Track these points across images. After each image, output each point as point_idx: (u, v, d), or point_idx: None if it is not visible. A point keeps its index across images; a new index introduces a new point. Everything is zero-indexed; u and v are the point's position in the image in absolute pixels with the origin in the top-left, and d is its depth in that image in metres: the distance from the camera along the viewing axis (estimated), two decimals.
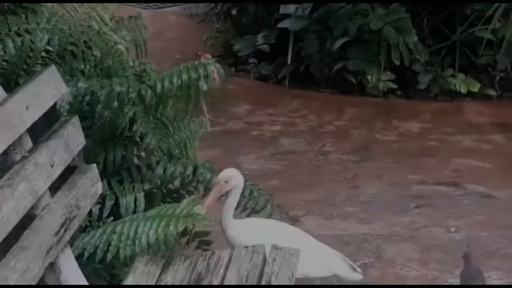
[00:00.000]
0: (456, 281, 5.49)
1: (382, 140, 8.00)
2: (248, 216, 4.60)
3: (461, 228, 6.29)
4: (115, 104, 3.98)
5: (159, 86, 3.98)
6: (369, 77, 9.02)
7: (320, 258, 4.55)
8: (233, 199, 4.30)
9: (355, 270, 4.60)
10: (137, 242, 3.34)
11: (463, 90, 8.87)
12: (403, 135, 8.10)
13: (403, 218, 6.46)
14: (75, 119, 3.44)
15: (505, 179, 7.06)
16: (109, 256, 3.39)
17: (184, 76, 3.97)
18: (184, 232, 4.25)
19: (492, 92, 9.01)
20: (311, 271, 4.49)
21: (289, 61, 9.48)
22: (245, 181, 4.56)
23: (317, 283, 4.69)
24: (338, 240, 6.15)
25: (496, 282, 5.57)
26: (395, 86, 9.05)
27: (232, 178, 4.27)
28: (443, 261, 5.85)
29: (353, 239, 6.13)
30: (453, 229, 6.28)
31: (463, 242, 6.10)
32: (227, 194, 4.32)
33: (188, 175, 4.42)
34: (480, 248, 6.00)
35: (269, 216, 4.65)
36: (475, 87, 8.90)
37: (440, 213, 6.54)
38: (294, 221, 5.32)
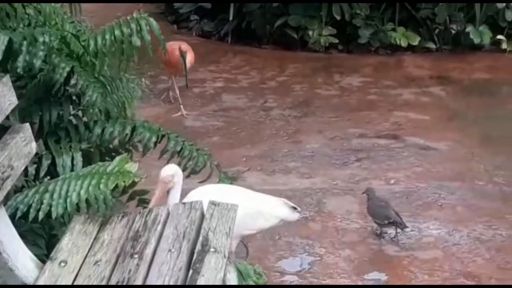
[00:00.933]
0: (394, 232, 5.61)
1: (323, 94, 8.05)
2: (188, 176, 4.60)
3: (400, 180, 6.40)
4: (41, 54, 3.90)
5: (92, 43, 3.96)
6: (310, 33, 9.04)
7: (268, 210, 4.59)
8: (177, 192, 4.22)
9: (295, 210, 4.66)
10: (68, 200, 3.34)
11: (403, 43, 8.95)
12: (344, 90, 8.16)
13: (343, 172, 6.55)
14: (6, 78, 3.41)
15: (443, 131, 7.18)
16: (41, 215, 3.40)
17: (117, 32, 3.95)
18: (124, 191, 4.29)
19: (431, 45, 9.10)
20: (263, 224, 4.57)
21: (231, 18, 9.46)
22: (184, 141, 4.58)
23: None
24: (279, 194, 6.14)
25: (434, 232, 5.70)
26: (336, 41, 9.10)
27: (175, 175, 4.15)
28: None
29: (294, 194, 6.19)
30: (392, 181, 6.38)
31: (402, 193, 6.21)
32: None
33: (127, 135, 4.41)
34: (418, 199, 6.12)
35: (209, 176, 4.68)
36: (415, 41, 8.99)
37: (379, 166, 6.64)
38: (236, 177, 5.37)
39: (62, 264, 3.34)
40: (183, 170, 4.54)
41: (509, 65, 8.35)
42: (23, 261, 3.33)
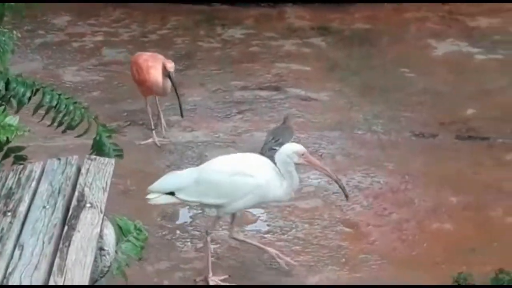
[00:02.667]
0: None
1: (205, 47, 8.00)
2: (64, 131, 4.50)
3: None
4: None
5: None
6: None
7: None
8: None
9: None
10: None
11: None
12: (227, 42, 8.14)
13: (225, 124, 6.56)
14: None
15: (324, 81, 7.25)
16: None
17: None
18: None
19: None
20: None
21: None
22: (60, 94, 4.48)
23: None
24: (161, 149, 6.20)
25: (314, 182, 5.79)
26: None
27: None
28: None
29: (176, 148, 6.19)
30: None
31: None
32: None
33: (0, 90, 4.30)
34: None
35: (87, 131, 4.57)
36: None
37: (261, 117, 6.67)
38: (116, 130, 5.28)
39: None
40: (59, 125, 4.46)
41: (388, 16, 8.46)
42: None
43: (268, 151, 5.61)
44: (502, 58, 7.52)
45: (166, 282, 4.87)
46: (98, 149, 4.43)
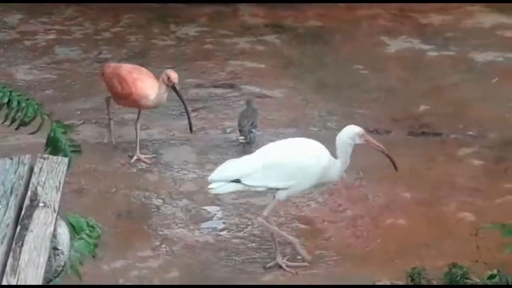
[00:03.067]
0: None
1: (159, 45, 7.97)
2: (17, 128, 4.46)
3: (236, 128, 6.44)
4: None
5: None
6: None
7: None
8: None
9: None
10: None
11: None
12: (181, 40, 8.11)
13: (180, 122, 6.53)
14: None
15: (278, 79, 7.27)
16: None
17: None
18: None
19: None
20: None
21: None
22: (11, 91, 4.42)
23: None
24: (114, 147, 6.16)
25: None
26: None
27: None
28: (220, 162, 5.98)
29: (131, 145, 6.15)
30: (228, 130, 6.43)
31: (238, 142, 6.27)
32: None
33: None
34: (255, 147, 6.16)
35: (40, 127, 4.52)
36: None
37: (216, 115, 6.67)
38: (69, 129, 5.24)
39: None
40: (12, 122, 4.41)
41: (341, 13, 8.50)
42: None
43: (248, 133, 5.97)
44: (454, 54, 7.60)
45: (121, 281, 4.85)
46: (52, 145, 4.37)
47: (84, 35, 8.08)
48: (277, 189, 4.87)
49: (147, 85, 5.87)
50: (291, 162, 4.87)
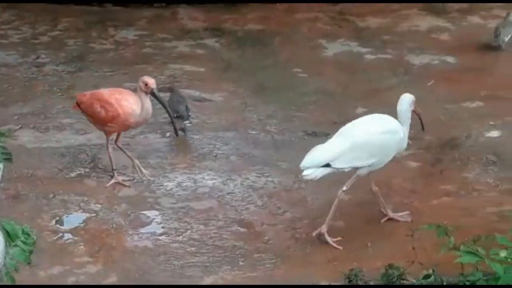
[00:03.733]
0: (170, 184, 5.67)
1: (98, 49, 7.93)
2: None
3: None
4: None
5: None
6: None
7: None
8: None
9: None
10: None
11: None
12: (120, 43, 8.07)
13: None
14: None
15: (218, 82, 7.28)
16: None
17: None
18: None
19: None
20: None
21: None
22: None
23: None
24: (53, 152, 6.12)
25: (209, 183, 5.82)
26: None
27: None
28: (159, 165, 6.01)
29: (69, 151, 6.12)
30: (168, 134, 6.42)
31: (178, 146, 6.28)
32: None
33: None
34: (194, 151, 6.23)
35: None
36: None
37: (155, 119, 6.62)
38: (8, 135, 5.19)
39: None
40: None
41: (280, 16, 8.54)
42: None
43: (188, 118, 6.27)
44: (391, 57, 7.69)
45: None
46: None
47: (22, 39, 8.00)
48: (366, 166, 5.21)
49: (131, 103, 5.69)
50: (376, 140, 5.19)
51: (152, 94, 5.64)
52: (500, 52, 7.67)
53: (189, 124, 6.35)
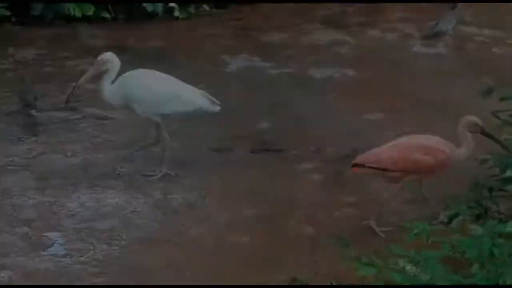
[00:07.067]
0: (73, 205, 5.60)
1: None
2: None
3: (78, 151, 6.39)
4: None
5: None
6: None
7: (186, 96, 5.95)
8: (109, 77, 6.03)
9: (214, 103, 6.04)
10: None
11: (78, 14, 8.83)
12: (19, 63, 7.94)
13: (20, 147, 6.42)
14: None
15: None
16: None
17: None
18: None
19: (106, 15, 9.07)
20: (179, 108, 5.95)
21: None
22: None
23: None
24: None
25: (112, 202, 5.75)
26: (9, 13, 8.78)
27: (109, 61, 6.07)
28: (60, 186, 5.92)
29: None
30: (69, 154, 6.35)
31: (80, 165, 6.21)
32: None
33: None
34: (96, 170, 6.14)
35: None
36: (90, 10, 8.91)
37: (57, 139, 6.58)
38: None
39: None
40: None
41: (182, 32, 8.55)
42: None
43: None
44: (293, 71, 7.77)
45: None
46: None
47: None
48: None
49: None
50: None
51: None
52: (399, 64, 7.83)
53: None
